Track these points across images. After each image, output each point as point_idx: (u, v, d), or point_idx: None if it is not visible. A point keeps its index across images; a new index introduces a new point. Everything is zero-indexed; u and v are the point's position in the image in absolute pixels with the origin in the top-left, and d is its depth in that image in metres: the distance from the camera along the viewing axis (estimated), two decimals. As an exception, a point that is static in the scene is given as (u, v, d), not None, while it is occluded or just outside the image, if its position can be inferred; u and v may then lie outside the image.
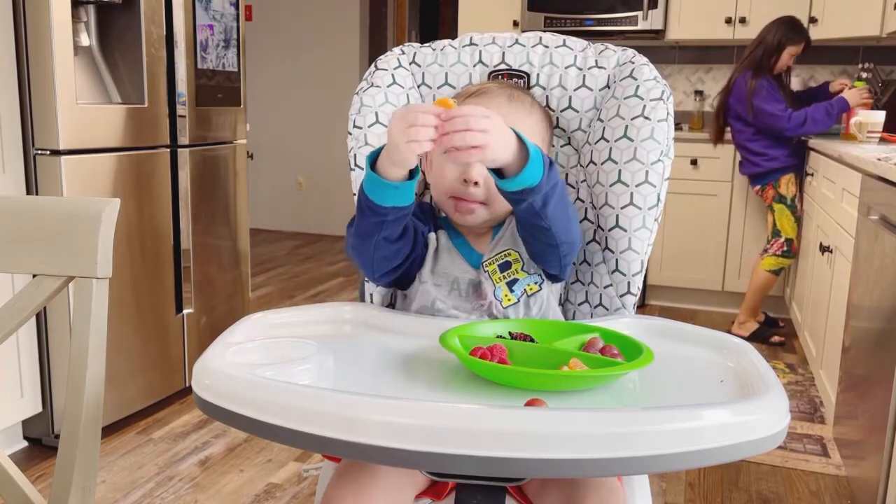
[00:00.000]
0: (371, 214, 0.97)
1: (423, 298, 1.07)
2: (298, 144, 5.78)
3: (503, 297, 1.05)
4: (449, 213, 1.10)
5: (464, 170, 1.05)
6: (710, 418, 0.68)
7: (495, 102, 1.06)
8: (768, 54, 3.24)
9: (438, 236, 1.11)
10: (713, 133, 3.53)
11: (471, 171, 1.04)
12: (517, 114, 1.07)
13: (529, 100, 1.11)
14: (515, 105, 1.08)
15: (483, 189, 1.05)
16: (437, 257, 1.09)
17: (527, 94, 1.12)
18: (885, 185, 1.90)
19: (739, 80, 3.26)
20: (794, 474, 2.18)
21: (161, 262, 2.43)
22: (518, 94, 1.10)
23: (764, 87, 3.20)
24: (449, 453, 0.65)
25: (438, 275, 1.08)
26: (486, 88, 1.10)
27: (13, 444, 2.21)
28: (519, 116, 1.06)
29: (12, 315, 0.91)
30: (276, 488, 2.03)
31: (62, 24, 2.01)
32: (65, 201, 0.95)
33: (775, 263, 3.32)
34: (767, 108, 3.20)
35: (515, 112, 1.07)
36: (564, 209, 0.98)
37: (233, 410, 0.73)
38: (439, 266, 1.08)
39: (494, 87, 1.10)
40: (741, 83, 3.25)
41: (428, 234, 1.10)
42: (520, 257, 1.07)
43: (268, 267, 4.69)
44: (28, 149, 2.06)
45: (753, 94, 3.20)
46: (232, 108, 2.70)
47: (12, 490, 0.90)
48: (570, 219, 1.01)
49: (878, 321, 1.85)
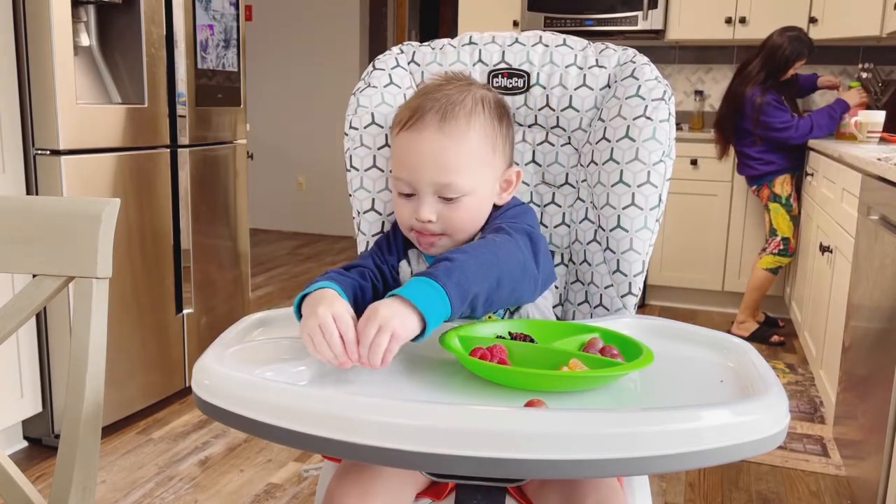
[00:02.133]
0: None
1: None
2: (298, 144, 5.78)
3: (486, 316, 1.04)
4: (415, 244, 1.08)
5: (415, 208, 1.02)
6: (710, 419, 0.68)
7: (426, 135, 1.00)
8: (778, 70, 3.24)
9: (410, 258, 1.10)
10: (719, 148, 3.49)
11: (421, 212, 1.01)
12: (451, 144, 1.00)
13: (468, 109, 1.02)
14: (449, 130, 1.00)
15: (439, 223, 1.03)
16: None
17: (464, 104, 1.02)
18: (885, 185, 1.89)
19: (749, 99, 3.23)
20: (794, 474, 2.18)
21: (161, 262, 2.43)
22: (452, 109, 1.01)
23: (770, 104, 3.22)
24: (448, 454, 0.65)
25: None
26: (420, 110, 1.01)
27: (13, 444, 2.21)
28: (454, 147, 1.00)
29: (12, 315, 0.91)
30: (276, 488, 2.03)
31: (62, 24, 2.01)
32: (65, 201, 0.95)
33: (773, 262, 3.33)
34: (775, 122, 3.23)
35: (450, 142, 1.00)
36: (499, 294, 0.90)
37: (232, 411, 0.73)
38: None
39: (428, 106, 1.01)
40: (750, 103, 3.23)
41: (399, 263, 1.09)
42: None
43: (268, 267, 4.69)
44: (28, 149, 2.06)
45: (761, 112, 3.21)
46: (232, 108, 2.70)
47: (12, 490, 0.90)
48: (515, 290, 0.94)
49: (878, 321, 1.85)
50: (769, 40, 3.26)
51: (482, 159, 1.03)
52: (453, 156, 1.00)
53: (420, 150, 1.00)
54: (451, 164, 1.00)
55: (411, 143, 1.01)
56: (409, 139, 1.01)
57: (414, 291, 0.82)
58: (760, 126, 3.23)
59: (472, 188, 1.02)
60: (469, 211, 1.03)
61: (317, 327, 0.81)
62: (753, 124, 3.24)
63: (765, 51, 3.25)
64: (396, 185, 1.04)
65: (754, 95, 3.21)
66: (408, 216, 1.04)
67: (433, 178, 1.00)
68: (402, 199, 1.04)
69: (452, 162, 1.00)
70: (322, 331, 0.81)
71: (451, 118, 1.00)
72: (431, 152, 1.00)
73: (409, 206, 1.04)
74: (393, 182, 1.06)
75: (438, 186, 1.01)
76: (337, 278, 0.97)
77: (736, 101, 3.28)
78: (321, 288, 0.91)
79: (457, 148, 1.00)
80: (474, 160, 1.02)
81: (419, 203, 1.02)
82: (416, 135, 1.01)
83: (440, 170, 1.00)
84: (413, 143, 1.01)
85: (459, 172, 1.00)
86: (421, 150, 1.00)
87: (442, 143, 1.00)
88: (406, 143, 1.02)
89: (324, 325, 0.81)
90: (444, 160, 1.00)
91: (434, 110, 1.01)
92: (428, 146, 1.00)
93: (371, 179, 1.16)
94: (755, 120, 3.23)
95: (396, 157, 1.05)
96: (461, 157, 1.01)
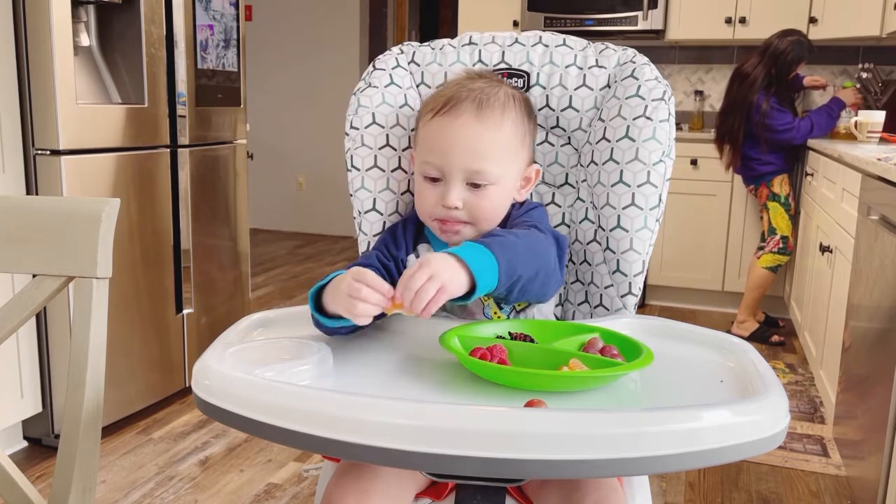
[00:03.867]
0: (320, 328, 0.96)
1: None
2: (298, 144, 5.78)
3: (492, 314, 1.05)
4: (436, 233, 1.08)
5: (442, 194, 1.03)
6: (710, 419, 0.68)
7: (463, 121, 1.02)
8: (782, 74, 3.24)
9: (419, 253, 1.09)
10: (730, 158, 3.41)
11: (448, 197, 1.02)
12: (487, 132, 1.02)
13: (502, 100, 1.04)
14: (485, 118, 1.02)
15: (465, 211, 1.03)
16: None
17: (501, 91, 1.05)
18: (885, 185, 1.89)
19: (757, 106, 3.22)
20: (794, 474, 2.18)
21: (161, 262, 2.43)
22: (488, 100, 1.03)
23: (773, 107, 3.23)
24: (448, 454, 0.65)
25: None
26: (455, 99, 1.03)
27: (13, 444, 2.21)
28: (489, 134, 1.02)
29: (12, 315, 0.91)
30: (276, 488, 2.03)
31: (62, 24, 2.01)
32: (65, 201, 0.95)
33: (773, 261, 3.34)
34: (777, 124, 3.24)
35: (485, 129, 1.02)
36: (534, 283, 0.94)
37: (232, 411, 0.73)
38: None
39: (463, 95, 1.04)
40: (758, 109, 3.22)
41: (407, 258, 1.09)
42: None
43: (268, 267, 4.69)
44: (28, 149, 2.06)
45: (767, 117, 3.22)
46: (232, 108, 2.70)
47: (12, 490, 0.90)
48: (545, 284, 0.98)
49: (878, 321, 1.85)
50: (770, 45, 3.25)
51: (512, 151, 1.05)
52: (487, 143, 1.02)
53: (455, 135, 1.02)
54: (484, 150, 1.02)
55: (446, 128, 1.02)
56: (444, 124, 1.02)
57: (470, 254, 0.85)
58: (767, 130, 3.24)
59: (500, 178, 1.03)
60: (494, 200, 1.04)
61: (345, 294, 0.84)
62: (760, 129, 3.24)
63: (767, 56, 3.24)
64: (424, 169, 1.05)
65: (760, 101, 3.22)
66: (433, 203, 1.04)
67: (466, 163, 1.02)
68: (428, 185, 1.05)
69: (486, 149, 1.02)
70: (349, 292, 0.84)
71: (487, 108, 1.02)
72: (466, 138, 1.01)
73: (435, 192, 1.04)
74: (420, 167, 1.06)
75: (469, 172, 1.02)
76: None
77: (744, 109, 3.27)
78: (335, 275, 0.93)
79: (491, 136, 1.02)
80: (505, 151, 1.04)
81: (447, 189, 1.03)
82: (453, 120, 1.02)
83: (474, 155, 1.01)
84: (448, 129, 1.02)
85: (491, 160, 1.02)
86: (456, 135, 1.02)
87: (477, 129, 1.02)
88: (440, 128, 1.03)
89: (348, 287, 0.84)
90: (478, 146, 1.02)
91: (470, 99, 1.03)
92: (464, 132, 1.01)
93: (372, 179, 1.16)
94: (762, 124, 3.23)
95: (427, 141, 1.05)
96: (494, 146, 1.02)
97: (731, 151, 3.39)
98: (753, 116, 3.25)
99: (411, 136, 1.16)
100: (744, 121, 3.27)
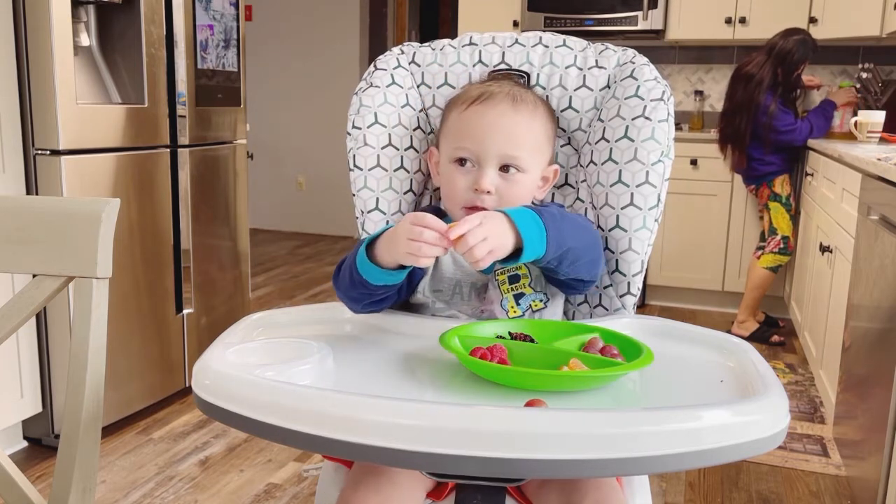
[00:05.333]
0: (360, 286, 0.98)
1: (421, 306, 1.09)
2: (298, 144, 5.78)
3: (509, 307, 1.05)
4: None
5: (475, 179, 1.05)
6: (710, 419, 0.68)
7: (499, 110, 1.05)
8: (788, 74, 3.24)
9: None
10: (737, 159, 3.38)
11: (482, 181, 1.04)
12: (522, 121, 1.06)
13: (532, 98, 1.09)
14: (520, 109, 1.06)
15: (496, 197, 1.05)
16: (437, 268, 1.08)
17: (529, 93, 1.10)
18: (885, 185, 1.90)
19: (764, 107, 3.22)
20: (794, 474, 2.18)
21: (161, 262, 2.43)
22: (521, 95, 1.08)
23: (779, 108, 3.23)
24: (449, 454, 0.65)
25: (438, 280, 1.08)
26: (489, 92, 1.08)
27: (13, 444, 2.21)
28: (524, 123, 1.06)
29: (12, 315, 0.91)
30: (276, 488, 2.03)
31: (62, 24, 2.01)
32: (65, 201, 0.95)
33: (773, 261, 3.34)
34: (781, 125, 3.24)
35: (520, 118, 1.06)
36: (584, 258, 1.00)
37: (232, 411, 0.73)
38: (439, 275, 1.08)
39: (496, 90, 1.08)
40: (765, 110, 3.22)
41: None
42: (528, 273, 1.07)
43: (268, 267, 4.69)
44: (28, 149, 2.06)
45: (773, 118, 3.22)
46: (232, 108, 2.70)
47: (12, 490, 0.90)
48: (595, 262, 1.03)
49: (878, 321, 1.85)
50: (776, 45, 3.23)
51: (541, 146, 1.09)
52: (523, 131, 1.06)
53: (492, 122, 1.05)
54: (520, 138, 1.05)
55: (482, 115, 1.06)
56: (481, 112, 1.05)
57: (523, 220, 0.90)
58: (772, 131, 3.24)
59: (529, 168, 1.07)
60: (523, 188, 1.07)
61: (412, 228, 0.88)
62: (766, 130, 3.24)
63: (774, 56, 3.22)
64: (457, 153, 1.07)
65: (768, 102, 3.21)
66: (465, 188, 1.06)
67: (501, 148, 1.04)
68: (459, 170, 1.07)
69: (522, 137, 1.06)
70: (412, 234, 0.87)
71: (521, 102, 1.07)
72: (504, 124, 1.05)
73: (467, 177, 1.06)
74: (452, 153, 1.08)
75: (505, 157, 1.05)
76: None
77: (751, 110, 3.25)
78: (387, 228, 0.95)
79: (527, 125, 1.06)
80: (536, 143, 1.08)
81: (480, 174, 1.05)
82: (490, 109, 1.06)
83: (509, 141, 1.05)
84: (485, 116, 1.05)
85: (525, 148, 1.06)
86: (494, 121, 1.05)
87: (514, 118, 1.06)
88: (476, 115, 1.06)
89: (408, 230, 0.88)
90: (515, 133, 1.05)
91: (504, 93, 1.07)
92: (501, 119, 1.05)
93: (375, 179, 1.16)
94: (768, 126, 3.23)
95: (461, 129, 1.07)
96: (529, 135, 1.06)
97: (736, 153, 3.37)
98: (760, 118, 3.23)
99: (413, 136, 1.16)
100: (749, 123, 3.27)
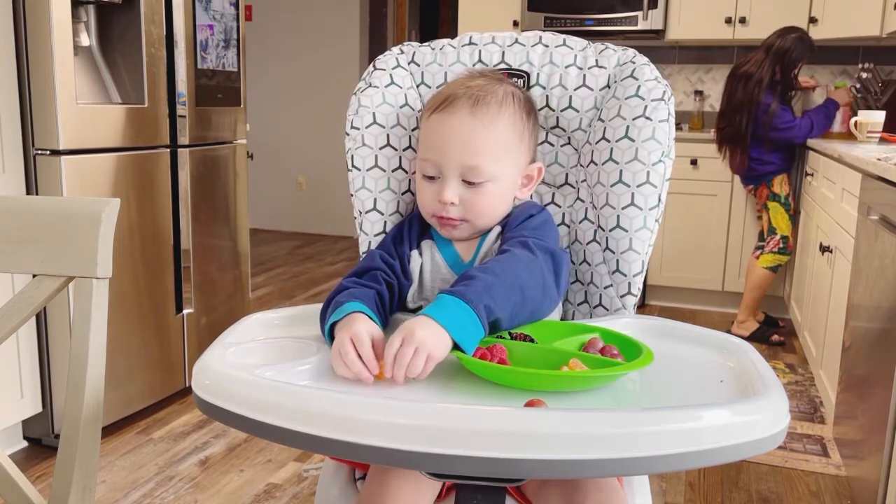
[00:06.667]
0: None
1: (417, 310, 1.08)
2: (298, 144, 5.78)
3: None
4: (436, 229, 1.10)
5: (439, 190, 1.04)
6: (710, 419, 0.68)
7: (458, 117, 1.03)
8: (787, 73, 3.24)
9: (423, 250, 1.10)
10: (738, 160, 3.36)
11: (443, 193, 1.03)
12: (481, 127, 1.02)
13: (498, 99, 1.04)
14: (479, 115, 1.02)
15: (460, 207, 1.04)
16: (421, 281, 1.08)
17: (495, 93, 1.05)
18: (885, 185, 1.89)
19: (765, 106, 3.21)
20: (794, 474, 2.18)
21: (161, 262, 2.43)
22: (484, 97, 1.04)
23: (779, 106, 3.23)
24: (448, 454, 0.65)
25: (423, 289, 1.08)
26: (452, 96, 1.05)
27: (13, 444, 2.21)
28: (483, 130, 1.03)
29: (12, 315, 0.91)
30: (276, 488, 2.03)
31: (62, 24, 2.01)
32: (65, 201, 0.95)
33: (773, 261, 3.34)
34: (780, 122, 3.24)
35: (479, 125, 1.02)
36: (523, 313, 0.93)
37: (232, 411, 0.73)
38: (423, 286, 1.08)
39: (461, 93, 1.04)
40: (765, 109, 3.21)
41: (410, 252, 1.09)
42: None
43: (268, 267, 4.69)
44: (28, 149, 2.06)
45: (774, 117, 3.22)
46: (232, 108, 2.70)
47: (12, 490, 0.90)
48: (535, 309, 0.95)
49: (878, 321, 1.85)
50: (773, 44, 3.23)
51: (508, 148, 1.05)
52: (481, 139, 1.02)
53: (450, 132, 1.03)
54: (478, 147, 1.02)
55: (441, 124, 1.04)
56: (440, 121, 1.04)
57: (449, 317, 0.83)
58: (772, 129, 3.24)
59: (497, 174, 1.04)
60: (491, 198, 1.05)
61: (337, 351, 0.84)
62: (766, 129, 3.24)
63: (772, 54, 3.21)
64: (422, 166, 1.06)
65: (769, 101, 3.21)
66: (430, 199, 1.05)
67: (460, 159, 1.02)
68: (427, 182, 1.06)
69: (480, 145, 1.02)
70: (340, 352, 0.84)
71: (483, 104, 1.03)
72: (461, 134, 1.02)
73: (432, 189, 1.05)
74: (419, 164, 1.07)
75: (464, 169, 1.03)
76: (359, 294, 0.97)
77: (752, 110, 3.24)
78: (348, 313, 0.91)
79: (486, 132, 1.03)
80: (501, 147, 1.04)
81: (443, 185, 1.04)
82: (448, 117, 1.03)
83: (468, 151, 1.02)
84: (443, 125, 1.03)
85: (486, 156, 1.03)
86: (451, 131, 1.03)
87: (472, 126, 1.02)
88: (436, 124, 1.04)
89: (342, 346, 0.84)
90: (472, 143, 1.02)
91: (466, 96, 1.04)
92: (458, 128, 1.02)
93: (373, 179, 1.16)
94: (768, 124, 3.23)
95: (425, 139, 1.07)
96: (489, 142, 1.03)
97: (736, 153, 3.35)
98: (761, 117, 3.23)
99: (411, 137, 1.16)
100: (749, 122, 3.26)
